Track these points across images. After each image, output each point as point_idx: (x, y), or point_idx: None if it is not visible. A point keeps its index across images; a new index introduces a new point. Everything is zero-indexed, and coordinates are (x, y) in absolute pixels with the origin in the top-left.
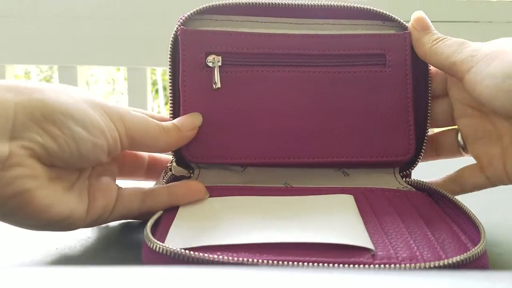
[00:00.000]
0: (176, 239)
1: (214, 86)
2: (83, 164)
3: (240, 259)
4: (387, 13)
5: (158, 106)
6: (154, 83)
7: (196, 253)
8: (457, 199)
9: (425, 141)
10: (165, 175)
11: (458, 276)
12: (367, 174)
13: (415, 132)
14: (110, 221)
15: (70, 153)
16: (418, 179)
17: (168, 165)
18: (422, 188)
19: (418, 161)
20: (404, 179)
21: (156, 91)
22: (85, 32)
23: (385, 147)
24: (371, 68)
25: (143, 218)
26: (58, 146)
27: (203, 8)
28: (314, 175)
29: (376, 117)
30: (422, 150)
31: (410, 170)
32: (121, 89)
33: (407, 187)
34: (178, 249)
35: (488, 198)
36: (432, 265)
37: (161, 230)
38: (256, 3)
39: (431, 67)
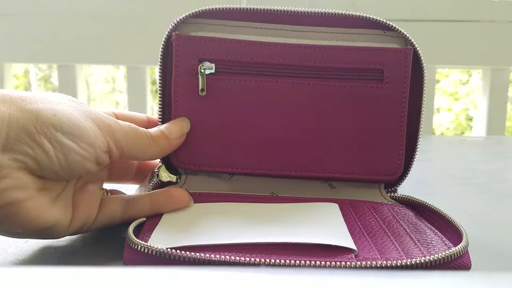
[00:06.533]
0: (160, 240)
1: (200, 93)
2: (72, 175)
3: (223, 257)
4: (388, 22)
5: (157, 105)
6: (154, 82)
7: (179, 251)
8: (441, 210)
9: (413, 161)
10: (151, 179)
11: (458, 276)
12: (353, 188)
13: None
14: (93, 230)
15: (59, 165)
16: (403, 194)
17: (155, 170)
18: (407, 202)
19: (404, 179)
20: (389, 194)
21: (156, 90)
22: (84, 31)
23: (374, 166)
24: (367, 84)
25: None
26: (49, 158)
27: (197, 12)
28: (301, 186)
29: (367, 135)
30: (409, 170)
31: (395, 187)
32: (121, 88)
33: (391, 201)
34: (161, 248)
35: (488, 198)
36: (414, 262)
37: (144, 232)
38: (251, 9)
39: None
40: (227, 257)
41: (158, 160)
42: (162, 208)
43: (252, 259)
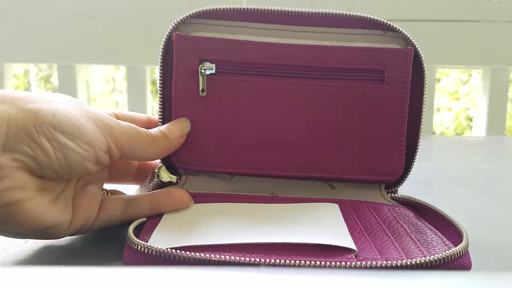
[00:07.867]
0: (160, 240)
1: (201, 94)
2: (72, 175)
3: (223, 257)
4: (389, 22)
5: (157, 105)
6: (154, 82)
7: (179, 251)
8: (441, 210)
9: (413, 161)
10: (151, 179)
11: (458, 276)
12: (353, 188)
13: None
14: (93, 230)
15: (59, 165)
16: (403, 194)
17: (156, 170)
18: (407, 203)
19: (404, 180)
20: (389, 194)
21: (156, 90)
22: (85, 31)
23: (374, 166)
24: (368, 84)
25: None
26: (48, 158)
27: (198, 12)
28: (301, 186)
29: (368, 135)
30: (410, 170)
31: (396, 187)
32: (121, 88)
33: (391, 202)
34: (161, 248)
35: (488, 198)
36: (414, 262)
37: (144, 232)
38: (252, 9)
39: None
40: (227, 257)
41: (159, 160)
42: (162, 208)
43: (252, 259)
